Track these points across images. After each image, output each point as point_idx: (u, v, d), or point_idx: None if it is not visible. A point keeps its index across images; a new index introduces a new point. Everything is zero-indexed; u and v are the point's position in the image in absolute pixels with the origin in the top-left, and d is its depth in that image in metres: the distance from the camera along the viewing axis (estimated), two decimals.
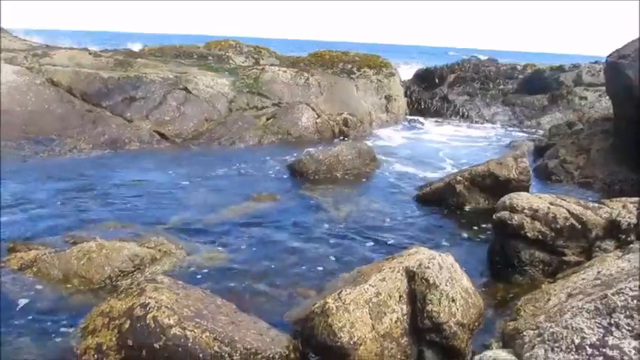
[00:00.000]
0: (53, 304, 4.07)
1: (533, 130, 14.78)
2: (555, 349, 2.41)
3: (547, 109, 15.92)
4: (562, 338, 2.44)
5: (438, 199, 6.98)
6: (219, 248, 5.25)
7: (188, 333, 3.08)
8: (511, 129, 15.26)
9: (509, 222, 4.77)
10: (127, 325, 3.26)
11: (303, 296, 4.32)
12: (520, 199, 4.88)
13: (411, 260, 3.70)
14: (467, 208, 6.80)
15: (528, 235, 4.67)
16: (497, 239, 4.99)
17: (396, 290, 3.49)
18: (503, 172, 6.64)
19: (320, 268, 4.93)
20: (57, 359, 3.32)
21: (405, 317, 3.43)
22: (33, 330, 3.72)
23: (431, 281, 3.43)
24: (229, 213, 6.36)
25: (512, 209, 4.80)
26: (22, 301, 4.09)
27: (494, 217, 4.96)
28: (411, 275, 3.55)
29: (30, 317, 3.88)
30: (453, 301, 3.43)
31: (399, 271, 3.60)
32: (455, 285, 3.55)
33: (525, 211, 4.74)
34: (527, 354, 2.54)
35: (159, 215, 6.19)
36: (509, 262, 4.81)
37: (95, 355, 3.27)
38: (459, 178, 6.83)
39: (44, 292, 4.23)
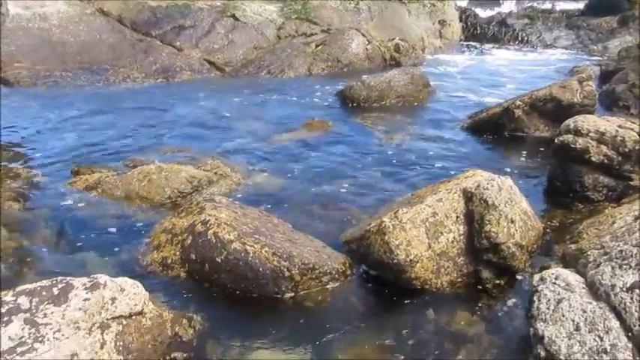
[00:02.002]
0: (118, 222, 4.26)
1: (600, 55, 13.84)
2: (624, 266, 2.33)
3: (616, 31, 14.79)
4: (632, 256, 2.35)
5: (494, 126, 6.72)
6: (273, 172, 5.30)
7: (248, 248, 3.18)
8: (575, 54, 14.33)
9: (572, 146, 4.54)
10: (189, 241, 3.40)
11: (357, 219, 4.33)
12: (586, 121, 4.62)
13: (469, 182, 3.62)
14: (525, 134, 6.53)
15: (593, 159, 4.45)
16: (559, 164, 4.79)
17: (452, 211, 3.44)
18: (566, 95, 6.29)
19: (373, 193, 4.91)
20: (124, 272, 3.49)
21: (462, 238, 3.40)
22: (101, 245, 3.92)
23: (490, 202, 3.35)
24: (282, 139, 6.38)
25: (577, 132, 4.57)
26: (89, 219, 4.31)
27: (556, 140, 4.74)
28: (468, 196, 3.48)
29: (97, 234, 4.09)
30: (512, 222, 3.36)
31: (455, 193, 3.54)
32: (514, 206, 3.46)
33: (591, 134, 4.50)
34: (592, 272, 2.47)
35: (213, 141, 6.30)
36: (571, 187, 4.64)
37: (160, 268, 3.44)
38: (518, 102, 6.53)
39: (109, 211, 4.42)
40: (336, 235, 4.00)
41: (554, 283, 2.45)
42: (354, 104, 8.04)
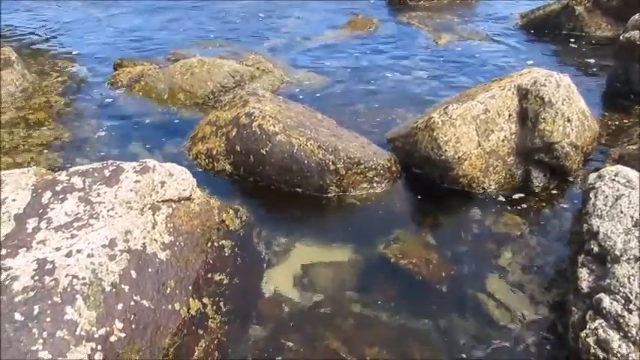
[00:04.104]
0: (162, 116, 4.29)
1: None
2: None
3: None
4: None
5: (552, 24, 6.27)
6: (316, 70, 5.16)
7: (293, 140, 3.14)
8: None
9: (638, 42, 4.20)
10: (234, 133, 3.38)
11: (403, 118, 4.21)
12: None
13: (524, 79, 3.41)
14: (585, 34, 6.08)
15: None
16: (621, 63, 4.46)
17: (505, 108, 3.28)
18: None
19: (419, 94, 4.75)
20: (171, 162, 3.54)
21: (513, 136, 3.27)
22: (146, 138, 3.97)
23: (546, 99, 3.16)
24: (325, 36, 6.15)
25: None
26: (133, 113, 4.34)
27: (621, 37, 4.39)
28: (523, 93, 3.29)
29: (142, 127, 4.14)
30: (569, 121, 3.19)
31: (509, 90, 3.35)
32: (572, 105, 3.26)
33: None
34: None
35: (254, 37, 6.14)
36: (632, 89, 4.35)
37: (206, 160, 3.47)
38: None
39: (153, 105, 4.44)
40: (381, 134, 3.92)
41: (614, 180, 2.34)
42: (401, 3, 7.60)
